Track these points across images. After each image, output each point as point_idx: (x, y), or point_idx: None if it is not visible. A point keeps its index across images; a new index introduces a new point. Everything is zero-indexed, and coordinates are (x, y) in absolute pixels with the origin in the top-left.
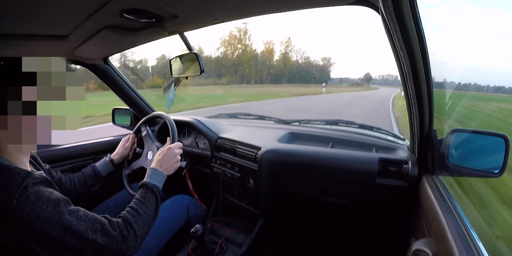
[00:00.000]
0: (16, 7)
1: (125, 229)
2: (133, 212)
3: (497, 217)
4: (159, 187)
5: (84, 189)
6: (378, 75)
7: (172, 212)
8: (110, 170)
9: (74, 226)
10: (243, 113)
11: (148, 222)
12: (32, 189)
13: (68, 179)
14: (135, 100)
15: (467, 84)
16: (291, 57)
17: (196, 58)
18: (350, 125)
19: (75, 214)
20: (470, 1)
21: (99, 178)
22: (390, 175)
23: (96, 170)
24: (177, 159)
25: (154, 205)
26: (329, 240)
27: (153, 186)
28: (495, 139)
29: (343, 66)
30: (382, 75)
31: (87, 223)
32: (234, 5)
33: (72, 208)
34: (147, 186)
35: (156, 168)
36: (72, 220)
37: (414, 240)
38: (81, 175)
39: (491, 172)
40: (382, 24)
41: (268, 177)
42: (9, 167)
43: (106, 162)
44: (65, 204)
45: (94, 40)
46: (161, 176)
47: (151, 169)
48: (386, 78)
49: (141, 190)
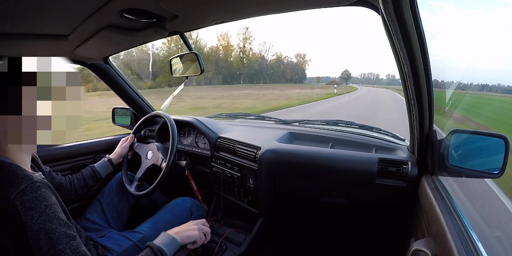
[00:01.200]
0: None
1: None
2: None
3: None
4: (165, 251)
5: (84, 190)
6: (360, 73)
7: (175, 215)
8: (110, 170)
9: (60, 250)
10: (242, 113)
11: None
12: (30, 195)
13: (68, 180)
14: (135, 99)
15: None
16: (250, 51)
17: (196, 58)
18: (350, 125)
19: (67, 239)
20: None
21: (98, 179)
22: (390, 175)
23: (95, 170)
24: (192, 228)
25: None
26: (328, 240)
27: (157, 249)
28: (494, 140)
29: (322, 64)
30: (363, 74)
31: (75, 254)
32: (234, 6)
33: (68, 233)
34: (150, 247)
35: (169, 233)
36: (59, 242)
37: (413, 240)
38: (80, 176)
39: (491, 172)
40: (382, 24)
41: (267, 177)
42: (10, 167)
43: (104, 162)
44: (60, 224)
45: (94, 40)
46: (171, 241)
47: (163, 233)
48: (367, 76)
49: (145, 251)
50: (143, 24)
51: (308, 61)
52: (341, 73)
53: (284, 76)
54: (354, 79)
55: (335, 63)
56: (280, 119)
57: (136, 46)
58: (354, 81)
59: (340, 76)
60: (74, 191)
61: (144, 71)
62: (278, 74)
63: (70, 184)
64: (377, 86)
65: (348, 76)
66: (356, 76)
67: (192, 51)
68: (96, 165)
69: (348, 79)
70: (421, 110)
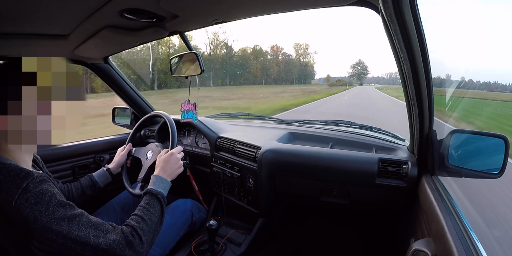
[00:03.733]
0: (16, 7)
1: (130, 235)
2: (138, 219)
3: None
4: (163, 193)
5: (82, 198)
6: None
7: (177, 218)
8: (108, 180)
9: (74, 231)
10: (243, 113)
11: (154, 228)
12: (34, 190)
13: (66, 188)
14: (135, 99)
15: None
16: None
17: (196, 58)
18: (350, 126)
19: (76, 219)
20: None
21: (96, 188)
22: (390, 175)
23: (94, 180)
24: (180, 164)
25: (159, 211)
26: (328, 240)
27: (157, 193)
28: (494, 140)
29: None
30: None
31: (89, 229)
32: (234, 5)
33: (74, 213)
34: (151, 193)
35: (160, 175)
36: (71, 226)
37: (413, 240)
38: (78, 185)
39: (490, 172)
40: (382, 24)
41: (267, 177)
42: (10, 167)
43: (103, 172)
44: (65, 209)
45: (94, 40)
46: (165, 183)
47: (155, 177)
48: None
49: (146, 197)
50: (143, 24)
51: (312, 54)
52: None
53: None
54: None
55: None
56: (280, 119)
57: (136, 46)
58: (369, 81)
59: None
60: (71, 200)
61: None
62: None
63: (68, 193)
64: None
65: (362, 73)
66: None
67: (192, 51)
68: (94, 175)
69: (362, 77)
70: (421, 110)
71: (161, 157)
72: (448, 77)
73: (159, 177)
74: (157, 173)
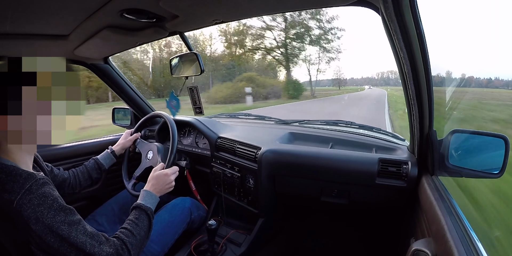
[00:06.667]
0: (16, 7)
1: (121, 248)
2: (128, 233)
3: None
4: (152, 209)
5: (89, 182)
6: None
7: (175, 215)
8: (113, 162)
9: (73, 237)
10: (242, 113)
11: (141, 243)
12: (37, 192)
13: (72, 174)
14: (135, 99)
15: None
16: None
17: (196, 58)
18: (350, 126)
19: (75, 225)
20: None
21: (102, 171)
22: (390, 175)
23: (99, 162)
24: (171, 185)
25: (147, 226)
26: (328, 240)
27: (147, 209)
28: (494, 140)
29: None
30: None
31: (86, 237)
32: (234, 5)
33: (73, 219)
34: (141, 208)
35: (150, 190)
36: (70, 231)
37: (413, 240)
38: (84, 169)
39: (491, 172)
40: (382, 24)
41: (267, 177)
42: (11, 168)
43: (107, 154)
44: (66, 214)
45: (94, 40)
46: (155, 199)
47: (145, 191)
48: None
49: (135, 212)
50: (143, 24)
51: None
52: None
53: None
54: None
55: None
56: (280, 119)
57: (136, 46)
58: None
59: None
60: (79, 184)
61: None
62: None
63: (75, 178)
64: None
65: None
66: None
67: (192, 51)
68: (99, 157)
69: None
70: (421, 110)
71: (155, 173)
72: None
73: (149, 192)
74: (148, 188)
